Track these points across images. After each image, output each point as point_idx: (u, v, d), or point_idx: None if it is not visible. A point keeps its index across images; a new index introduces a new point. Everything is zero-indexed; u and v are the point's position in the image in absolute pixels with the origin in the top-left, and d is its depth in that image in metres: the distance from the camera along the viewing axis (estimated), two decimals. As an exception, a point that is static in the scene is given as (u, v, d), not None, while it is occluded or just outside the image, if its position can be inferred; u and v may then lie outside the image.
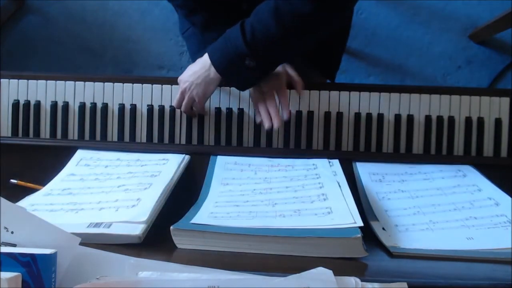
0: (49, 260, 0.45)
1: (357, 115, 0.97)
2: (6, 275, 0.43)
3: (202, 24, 0.99)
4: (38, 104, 0.98)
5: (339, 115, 0.97)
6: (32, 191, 0.75)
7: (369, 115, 0.97)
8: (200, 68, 0.90)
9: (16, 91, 0.99)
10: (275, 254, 0.57)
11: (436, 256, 0.58)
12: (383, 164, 0.85)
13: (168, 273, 0.46)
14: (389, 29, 1.80)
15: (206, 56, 0.89)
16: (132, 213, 0.63)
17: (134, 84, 0.99)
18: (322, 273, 0.45)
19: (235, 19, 0.89)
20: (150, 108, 0.98)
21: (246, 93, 0.98)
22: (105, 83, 0.99)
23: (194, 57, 1.04)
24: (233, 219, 0.61)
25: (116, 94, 0.99)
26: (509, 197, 0.69)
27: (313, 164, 0.81)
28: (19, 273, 0.44)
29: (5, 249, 0.45)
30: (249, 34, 0.83)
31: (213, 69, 0.88)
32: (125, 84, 0.99)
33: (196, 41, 1.15)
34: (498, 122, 0.96)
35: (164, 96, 0.98)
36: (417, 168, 0.83)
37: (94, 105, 0.98)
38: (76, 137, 0.98)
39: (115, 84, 0.99)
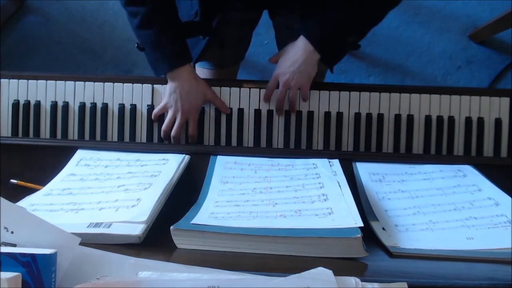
0: (49, 260, 0.45)
1: (357, 115, 0.97)
2: (6, 275, 0.43)
3: (145, 16, 0.91)
4: (38, 104, 0.98)
5: (339, 115, 0.97)
6: (32, 191, 0.75)
7: (369, 115, 0.97)
8: (299, 55, 0.93)
9: (16, 91, 0.99)
10: (275, 254, 0.57)
11: (436, 256, 0.58)
12: (383, 164, 0.85)
13: (168, 273, 0.46)
14: (389, 29, 1.80)
15: (302, 45, 0.92)
16: (132, 213, 0.63)
17: (134, 84, 0.99)
18: (322, 273, 0.45)
19: (191, 31, 0.96)
20: (150, 108, 0.98)
21: (246, 93, 0.98)
22: (105, 83, 0.99)
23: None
24: (234, 219, 0.61)
25: (116, 94, 0.99)
26: (509, 197, 0.69)
27: (313, 164, 0.81)
28: (19, 273, 0.44)
29: (5, 249, 0.45)
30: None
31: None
32: (125, 84, 0.99)
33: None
34: (498, 122, 0.96)
35: (164, 96, 0.98)
36: (417, 168, 0.83)
37: (94, 105, 0.98)
38: (76, 137, 0.98)
39: (115, 84, 0.99)
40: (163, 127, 0.96)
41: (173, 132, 0.95)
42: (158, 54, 0.93)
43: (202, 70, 1.12)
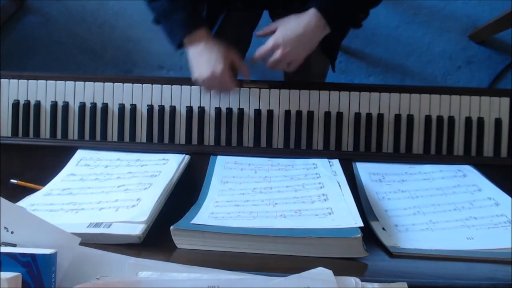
0: (49, 260, 0.45)
1: (357, 115, 0.97)
2: (6, 275, 0.43)
3: None
4: (38, 104, 0.98)
5: (339, 115, 0.97)
6: (32, 191, 0.75)
7: (369, 115, 0.97)
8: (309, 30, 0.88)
9: (16, 91, 0.99)
10: (275, 254, 0.57)
11: (436, 256, 0.58)
12: (383, 164, 0.85)
13: (168, 273, 0.46)
14: (389, 29, 1.80)
15: (314, 19, 0.87)
16: (132, 213, 0.63)
17: (134, 84, 0.99)
18: (322, 273, 0.45)
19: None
20: (150, 108, 0.98)
21: (245, 93, 0.98)
22: (105, 83, 0.99)
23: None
24: (234, 219, 0.61)
25: (116, 94, 0.99)
26: (509, 197, 0.69)
27: (313, 164, 0.81)
28: (19, 273, 0.44)
29: (5, 249, 0.45)
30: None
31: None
32: (125, 84, 0.99)
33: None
34: (498, 122, 0.96)
35: (164, 96, 0.98)
36: (417, 168, 0.83)
37: (94, 105, 0.98)
38: (76, 137, 0.98)
39: (115, 84, 0.99)
40: (207, 81, 0.90)
41: (223, 79, 0.89)
42: (173, 21, 0.91)
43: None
